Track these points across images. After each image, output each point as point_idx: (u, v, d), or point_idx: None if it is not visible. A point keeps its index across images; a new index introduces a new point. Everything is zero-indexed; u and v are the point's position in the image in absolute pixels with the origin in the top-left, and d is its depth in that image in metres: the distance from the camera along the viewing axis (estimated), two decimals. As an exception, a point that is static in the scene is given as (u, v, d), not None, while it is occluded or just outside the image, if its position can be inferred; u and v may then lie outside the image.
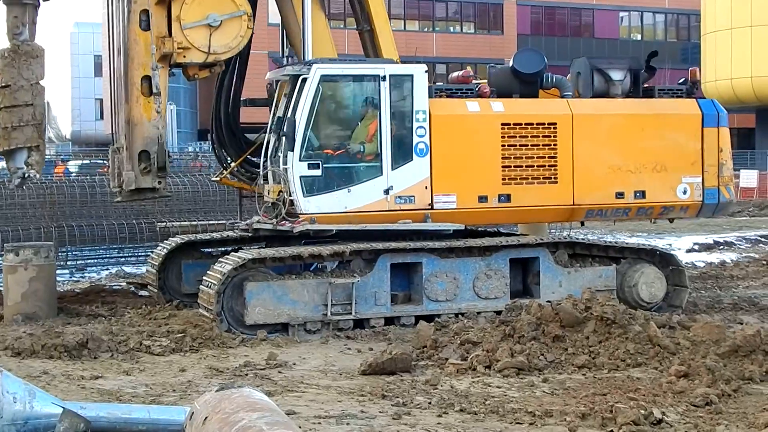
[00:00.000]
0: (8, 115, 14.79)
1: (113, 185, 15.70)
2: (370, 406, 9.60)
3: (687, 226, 30.69)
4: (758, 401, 9.62)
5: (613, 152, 15.59)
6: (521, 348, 11.43)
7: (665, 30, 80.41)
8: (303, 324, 13.64)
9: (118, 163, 15.31)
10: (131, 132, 14.81)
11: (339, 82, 14.69)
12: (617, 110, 15.80)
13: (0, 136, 14.88)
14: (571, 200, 15.44)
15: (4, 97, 14.79)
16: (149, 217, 21.35)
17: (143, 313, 14.80)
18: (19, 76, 14.75)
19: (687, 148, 15.89)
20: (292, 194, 14.09)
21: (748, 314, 15.50)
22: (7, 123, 14.80)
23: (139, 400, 9.74)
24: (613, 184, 15.59)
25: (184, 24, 14.65)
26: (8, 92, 14.78)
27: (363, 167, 14.57)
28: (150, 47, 14.61)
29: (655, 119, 15.84)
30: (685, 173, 15.84)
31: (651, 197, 15.73)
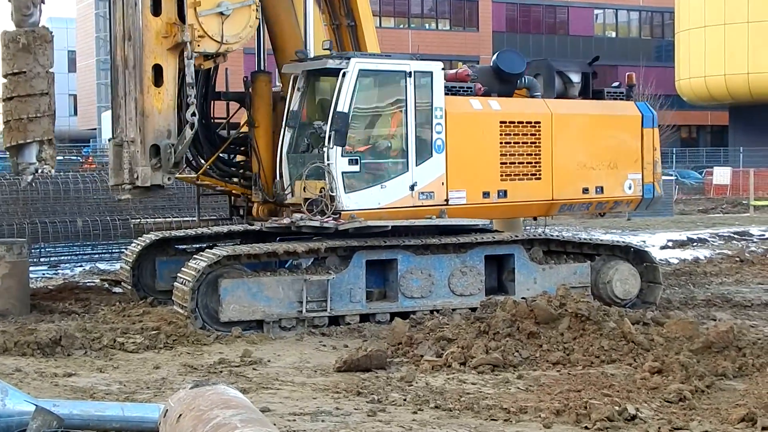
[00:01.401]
0: (24, 106, 13.79)
1: (119, 181, 14.69)
2: (345, 403, 9.59)
3: (661, 223, 30.83)
4: (731, 397, 9.66)
5: (581, 150, 16.27)
6: (496, 345, 11.44)
7: (639, 27, 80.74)
8: (278, 321, 13.62)
9: (128, 157, 14.44)
10: (144, 124, 14.28)
11: (373, 77, 14.74)
12: (582, 110, 16.52)
13: (14, 128, 13.84)
14: (550, 195, 16.02)
15: (18, 85, 13.79)
16: (123, 213, 21.25)
17: (117, 310, 14.74)
18: (35, 63, 13.81)
19: (631, 146, 16.79)
20: (333, 190, 14.06)
21: (721, 311, 15.58)
22: (22, 114, 13.79)
23: (112, 397, 9.70)
24: (580, 180, 16.27)
25: (200, 11, 14.13)
26: (23, 80, 13.80)
27: (393, 163, 14.71)
28: (160, 34, 14.13)
29: (609, 120, 16.71)
30: (630, 170, 16.72)
31: (607, 192, 16.57)
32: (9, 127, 13.83)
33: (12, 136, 13.88)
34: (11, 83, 13.81)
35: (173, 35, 14.19)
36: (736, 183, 48.60)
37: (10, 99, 13.77)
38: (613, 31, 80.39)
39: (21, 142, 13.84)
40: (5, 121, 13.83)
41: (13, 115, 13.73)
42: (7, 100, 13.83)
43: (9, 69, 13.77)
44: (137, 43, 14.20)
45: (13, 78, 13.78)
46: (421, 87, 14.78)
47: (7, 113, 13.76)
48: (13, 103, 13.75)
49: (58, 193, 21.29)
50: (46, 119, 13.90)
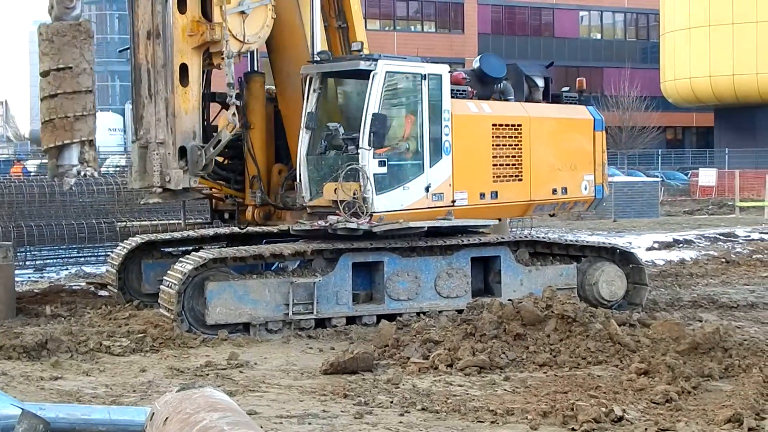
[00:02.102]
0: (70, 103, 12.95)
1: (146, 184, 14.09)
2: (332, 406, 9.59)
3: (647, 225, 30.89)
4: (717, 398, 9.68)
5: (550, 152, 16.52)
6: (483, 346, 11.45)
7: (624, 29, 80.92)
8: (264, 324, 13.59)
9: (159, 159, 13.90)
10: (175, 126, 13.87)
11: (396, 79, 14.71)
12: (550, 114, 16.75)
13: (58, 127, 12.96)
14: (529, 196, 16.16)
15: (64, 81, 12.94)
16: (109, 216, 21.23)
17: (103, 314, 14.70)
18: (81, 58, 12.99)
19: (586, 149, 17.14)
20: (367, 192, 14.05)
21: (707, 312, 15.62)
22: (69, 112, 12.94)
23: (99, 400, 9.67)
24: (551, 181, 16.51)
25: (226, 9, 13.88)
26: (70, 76, 12.96)
27: (412, 165, 14.71)
28: (186, 32, 13.81)
29: (570, 123, 17.06)
30: (585, 171, 17.04)
31: (570, 193, 16.86)
32: (53, 126, 13.02)
33: (57, 135, 13.08)
34: (56, 79, 13.01)
35: (200, 33, 13.88)
36: (721, 184, 48.72)
37: (54, 96, 12.97)
38: (598, 33, 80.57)
39: (67, 142, 13.08)
40: (48, 120, 13.06)
41: (58, 113, 12.93)
42: (50, 97, 13.00)
43: (54, 64, 12.98)
44: (168, 42, 13.80)
45: (57, 74, 13.00)
46: (432, 89, 14.83)
47: (51, 111, 12.93)
48: (58, 100, 12.98)
49: (44, 196, 21.24)
50: (91, 118, 13.25)
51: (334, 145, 14.56)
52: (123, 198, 21.49)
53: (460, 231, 15.17)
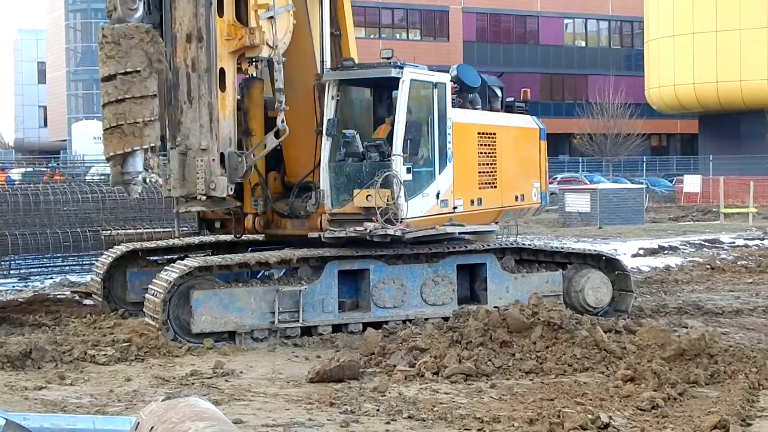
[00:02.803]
0: (139, 108, 12.48)
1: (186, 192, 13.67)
2: (318, 414, 9.56)
3: (632, 232, 30.96)
4: (703, 404, 9.70)
5: (514, 160, 16.84)
6: (469, 354, 11.44)
7: (609, 37, 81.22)
8: (250, 332, 13.56)
9: (204, 166, 13.51)
10: (218, 131, 13.56)
11: (415, 87, 14.75)
12: (512, 123, 17.08)
13: (127, 133, 12.47)
14: (501, 203, 16.49)
15: (133, 85, 12.48)
16: (94, 225, 21.15)
17: (88, 323, 14.66)
18: (148, 61, 12.57)
19: (535, 157, 17.56)
20: (399, 199, 14.05)
21: (692, 318, 15.64)
22: (138, 117, 12.47)
23: (83, 410, 9.63)
24: (515, 188, 16.86)
25: (261, 14, 13.69)
26: (138, 80, 12.51)
27: (426, 172, 14.76)
28: (223, 36, 13.54)
29: (525, 132, 17.45)
30: (534, 179, 17.49)
31: (526, 200, 17.27)
32: (121, 132, 12.50)
33: (126, 142, 12.53)
34: (124, 83, 12.53)
35: (238, 38, 13.67)
36: (706, 191, 48.90)
37: (121, 101, 12.48)
38: (582, 41, 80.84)
39: (137, 149, 12.56)
40: (115, 125, 12.46)
41: (126, 118, 12.43)
42: (117, 102, 12.50)
43: (122, 68, 12.51)
44: (211, 45, 13.50)
45: (125, 78, 12.52)
46: (440, 98, 14.94)
47: (119, 117, 12.44)
48: (126, 105, 12.47)
49: (28, 204, 21.16)
50: (157, 123, 12.77)
51: (351, 152, 14.54)
52: (108, 206, 21.43)
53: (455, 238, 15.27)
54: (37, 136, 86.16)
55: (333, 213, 14.40)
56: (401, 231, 13.86)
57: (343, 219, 14.26)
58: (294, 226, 14.89)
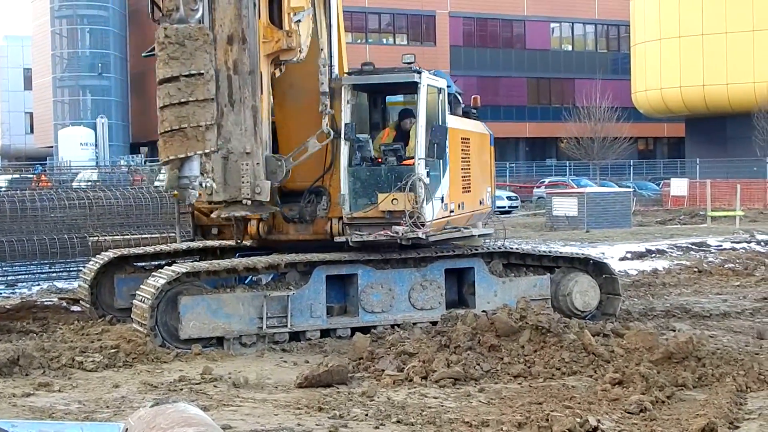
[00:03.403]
0: (202, 111, 12.06)
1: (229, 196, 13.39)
2: (307, 419, 9.56)
3: (619, 235, 30.99)
4: (691, 407, 9.72)
5: (479, 165, 16.97)
6: (457, 358, 11.45)
7: (596, 40, 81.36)
8: (238, 337, 13.55)
9: (250, 170, 13.25)
10: (261, 135, 13.36)
11: (430, 92, 14.80)
12: (476, 129, 17.15)
13: (190, 137, 12.02)
14: (474, 207, 16.59)
15: (197, 88, 12.03)
16: (81, 231, 21.11)
17: (76, 329, 14.63)
18: (210, 64, 12.20)
19: (488, 162, 17.71)
20: (423, 202, 14.10)
21: (680, 321, 15.67)
22: (201, 121, 12.03)
23: (72, 417, 9.61)
24: (480, 193, 17.00)
25: (294, 17, 13.63)
26: (201, 83, 12.06)
27: (435, 176, 14.78)
28: (260, 38, 13.36)
29: (483, 137, 17.50)
30: (488, 183, 17.61)
31: (484, 204, 17.35)
32: (183, 135, 12.05)
33: (188, 146, 12.07)
34: (188, 86, 12.08)
35: (275, 40, 13.57)
36: (693, 194, 48.94)
37: (184, 104, 12.06)
38: (569, 45, 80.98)
39: (199, 153, 12.16)
40: (177, 128, 12.02)
41: (190, 122, 12.01)
42: (179, 105, 12.07)
43: (185, 69, 12.07)
44: (254, 48, 13.28)
45: (189, 80, 12.07)
46: (442, 102, 15.04)
47: (182, 120, 12.01)
48: (189, 108, 12.04)
49: (15, 211, 21.11)
50: (215, 128, 12.42)
51: (364, 156, 14.57)
52: (95, 213, 21.38)
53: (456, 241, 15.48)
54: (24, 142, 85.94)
55: (351, 217, 14.38)
56: (426, 234, 13.98)
57: (362, 223, 14.28)
58: (298, 231, 14.82)
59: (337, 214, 14.57)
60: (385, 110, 15.95)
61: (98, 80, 70.10)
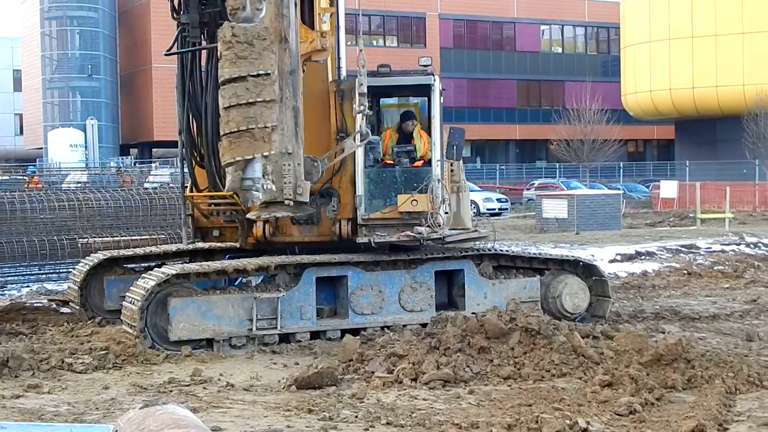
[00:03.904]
0: (269, 112, 11.97)
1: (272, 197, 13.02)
2: (297, 421, 9.56)
3: (609, 237, 31.03)
4: (681, 409, 9.73)
5: None
6: (447, 360, 11.45)
7: (585, 43, 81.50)
8: (228, 339, 13.54)
9: (292, 170, 12.97)
10: (302, 135, 13.20)
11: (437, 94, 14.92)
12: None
13: (257, 138, 11.91)
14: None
15: (264, 89, 11.93)
16: (71, 233, 21.07)
17: (65, 331, 14.59)
18: (276, 65, 12.13)
19: None
20: (441, 203, 14.21)
21: (670, 323, 15.70)
22: (268, 122, 11.93)
23: (61, 418, 9.59)
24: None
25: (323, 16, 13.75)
26: (269, 83, 11.98)
27: (437, 178, 14.76)
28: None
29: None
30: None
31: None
32: (251, 136, 11.96)
33: (256, 146, 11.98)
34: (256, 86, 11.97)
35: (309, 41, 13.55)
36: (682, 196, 49.03)
37: (252, 104, 11.95)
38: (559, 47, 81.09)
39: (266, 154, 12.06)
40: (244, 129, 11.92)
41: (257, 122, 11.90)
42: (246, 105, 11.95)
43: (254, 69, 11.97)
44: (295, 48, 13.05)
45: (257, 80, 11.97)
46: (441, 104, 15.12)
47: (249, 120, 11.92)
48: (257, 108, 11.93)
49: (5, 213, 21.07)
50: (279, 129, 12.33)
51: (376, 158, 14.68)
52: (85, 214, 21.35)
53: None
54: (13, 144, 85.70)
55: (367, 218, 14.43)
56: (444, 234, 14.11)
57: (376, 224, 14.34)
58: (302, 233, 14.78)
59: (346, 216, 14.59)
60: (379, 112, 15.96)
61: (88, 82, 69.94)
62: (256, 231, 14.71)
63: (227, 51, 11.90)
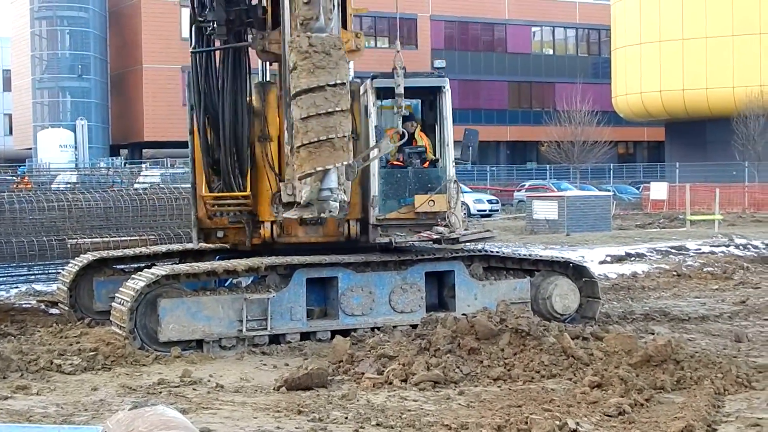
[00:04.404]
0: (347, 122, 11.94)
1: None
2: (286, 422, 9.55)
3: (599, 239, 31.07)
4: (670, 410, 9.74)
5: None
6: (437, 361, 11.45)
7: (576, 45, 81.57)
8: (218, 340, 13.52)
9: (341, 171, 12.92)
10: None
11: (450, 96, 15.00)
12: None
13: (337, 147, 11.85)
14: None
15: (342, 98, 11.93)
16: (60, 233, 21.01)
17: (54, 332, 14.57)
18: (348, 75, 12.18)
19: None
20: (456, 203, 14.29)
21: (659, 324, 15.72)
22: (346, 131, 11.90)
23: (50, 420, 9.57)
24: None
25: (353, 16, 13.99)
26: (345, 92, 11.94)
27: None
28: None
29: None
30: None
31: None
32: (331, 146, 11.88)
33: (336, 156, 11.93)
34: (335, 96, 11.93)
35: (346, 41, 13.67)
36: (672, 198, 49.10)
37: (331, 114, 11.91)
38: (550, 49, 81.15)
39: (346, 163, 12.08)
40: (324, 139, 11.84)
41: (337, 132, 11.86)
42: (326, 115, 11.91)
43: (332, 79, 11.94)
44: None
45: (335, 90, 11.94)
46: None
47: (329, 130, 11.87)
48: (336, 118, 11.90)
49: (-7, 213, 20.99)
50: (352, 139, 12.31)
51: (387, 159, 14.74)
52: (74, 215, 21.29)
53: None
54: (3, 144, 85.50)
55: (382, 219, 14.49)
56: (460, 234, 14.22)
57: (389, 225, 14.42)
58: (308, 234, 14.73)
59: (354, 216, 14.60)
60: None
61: (78, 82, 69.78)
62: (264, 232, 14.56)
63: (304, 61, 11.87)
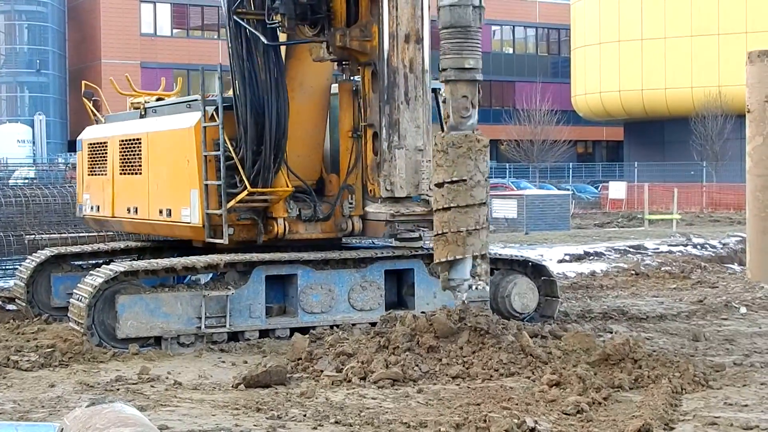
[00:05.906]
0: (463, 217, 12.45)
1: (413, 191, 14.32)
2: (245, 420, 9.52)
3: (558, 237, 31.21)
4: (627, 408, 9.80)
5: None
6: (396, 359, 11.46)
7: (536, 44, 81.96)
8: (176, 337, 13.47)
9: (426, 166, 14.09)
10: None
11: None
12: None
13: (451, 241, 12.53)
14: None
15: (458, 194, 12.45)
16: (17, 229, 20.84)
17: (11, 328, 14.47)
18: (476, 170, 12.51)
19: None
20: None
21: (617, 323, 15.80)
22: (461, 226, 12.47)
23: (6, 417, 9.50)
24: None
25: None
26: (464, 189, 12.44)
27: None
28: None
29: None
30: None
31: None
32: (445, 240, 12.58)
33: (449, 250, 12.60)
34: (450, 192, 12.51)
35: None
36: (631, 197, 49.46)
37: (447, 209, 12.54)
38: (510, 48, 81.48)
39: (459, 257, 12.59)
40: (441, 233, 12.60)
41: (451, 227, 12.50)
42: (443, 210, 12.58)
43: (448, 176, 12.52)
44: (428, 47, 14.15)
45: (451, 186, 12.51)
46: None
47: (444, 225, 12.56)
48: (451, 213, 12.52)
49: (-50, 208, 20.80)
50: (483, 232, 12.72)
51: None
52: (32, 211, 21.14)
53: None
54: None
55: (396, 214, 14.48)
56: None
57: (396, 221, 14.42)
58: (308, 231, 14.67)
59: (359, 212, 14.66)
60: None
61: (36, 77, 69.36)
62: (277, 228, 14.43)
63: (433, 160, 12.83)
